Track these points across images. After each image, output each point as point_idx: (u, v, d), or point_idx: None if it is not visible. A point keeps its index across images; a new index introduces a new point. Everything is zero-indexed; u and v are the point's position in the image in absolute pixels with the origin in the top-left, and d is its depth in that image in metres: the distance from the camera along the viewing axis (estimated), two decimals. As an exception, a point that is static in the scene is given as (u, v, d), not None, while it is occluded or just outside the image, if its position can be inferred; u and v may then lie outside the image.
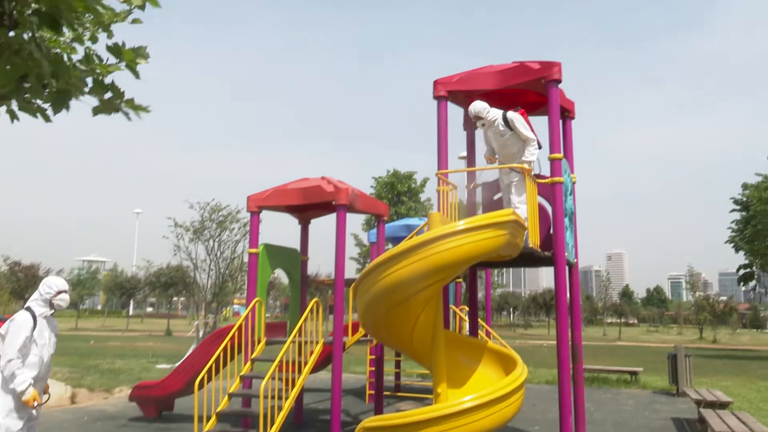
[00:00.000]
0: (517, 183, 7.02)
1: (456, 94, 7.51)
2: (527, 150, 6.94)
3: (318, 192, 7.80)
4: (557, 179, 6.81)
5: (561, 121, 7.18)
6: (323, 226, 9.58)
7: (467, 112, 7.52)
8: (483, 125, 7.22)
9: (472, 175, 7.88)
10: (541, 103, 7.67)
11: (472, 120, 7.31)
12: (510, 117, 6.99)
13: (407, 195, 33.00)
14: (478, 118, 7.14)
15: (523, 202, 6.80)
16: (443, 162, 7.27)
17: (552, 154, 6.85)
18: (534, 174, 6.91)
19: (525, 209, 6.67)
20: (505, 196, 7.34)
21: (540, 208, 7.08)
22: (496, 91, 7.44)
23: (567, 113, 7.93)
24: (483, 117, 7.10)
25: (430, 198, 33.60)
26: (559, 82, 6.92)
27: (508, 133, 7.05)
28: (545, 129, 6.96)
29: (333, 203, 7.59)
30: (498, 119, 7.06)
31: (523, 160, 6.91)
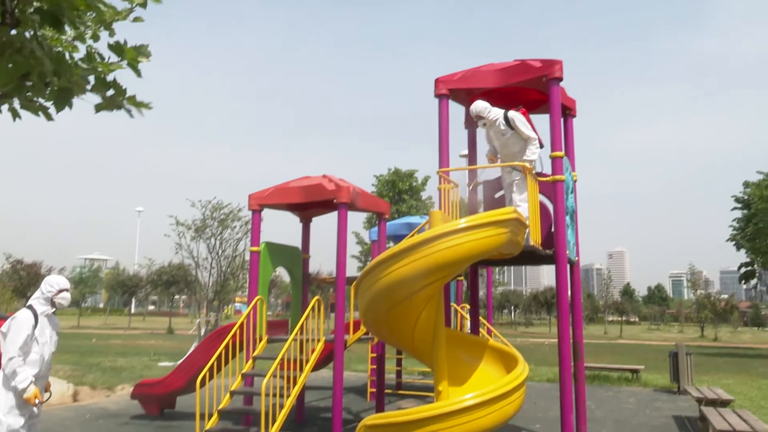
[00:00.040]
0: (519, 181, 7.02)
1: (457, 92, 7.50)
2: (528, 149, 6.94)
3: (319, 190, 7.79)
4: (558, 177, 6.81)
5: (562, 119, 7.17)
6: (324, 224, 9.60)
7: (468, 110, 7.52)
8: (484, 125, 7.22)
9: (473, 174, 7.87)
10: (543, 101, 7.66)
11: (473, 119, 7.30)
12: (511, 116, 6.99)
13: (408, 193, 32.91)
14: (479, 117, 7.14)
15: (525, 200, 6.80)
16: (444, 160, 7.26)
17: (553, 152, 6.85)
18: (535, 172, 6.91)
19: (526, 207, 6.66)
20: (507, 194, 7.34)
21: (541, 206, 7.08)
22: (497, 89, 7.42)
23: (568, 111, 7.92)
24: (484, 117, 7.10)
25: (431, 196, 33.50)
26: (561, 80, 6.91)
27: (509, 133, 7.05)
28: (546, 127, 6.97)
29: (334, 201, 7.59)
30: (499, 119, 7.05)
31: (525, 159, 6.91)
